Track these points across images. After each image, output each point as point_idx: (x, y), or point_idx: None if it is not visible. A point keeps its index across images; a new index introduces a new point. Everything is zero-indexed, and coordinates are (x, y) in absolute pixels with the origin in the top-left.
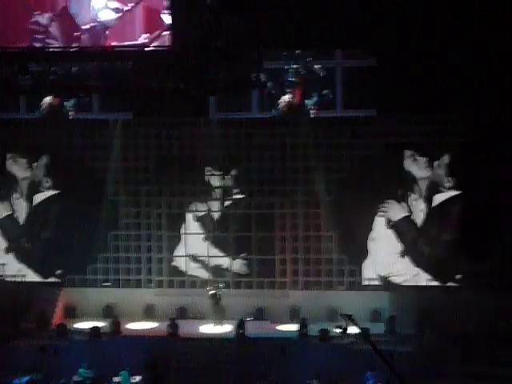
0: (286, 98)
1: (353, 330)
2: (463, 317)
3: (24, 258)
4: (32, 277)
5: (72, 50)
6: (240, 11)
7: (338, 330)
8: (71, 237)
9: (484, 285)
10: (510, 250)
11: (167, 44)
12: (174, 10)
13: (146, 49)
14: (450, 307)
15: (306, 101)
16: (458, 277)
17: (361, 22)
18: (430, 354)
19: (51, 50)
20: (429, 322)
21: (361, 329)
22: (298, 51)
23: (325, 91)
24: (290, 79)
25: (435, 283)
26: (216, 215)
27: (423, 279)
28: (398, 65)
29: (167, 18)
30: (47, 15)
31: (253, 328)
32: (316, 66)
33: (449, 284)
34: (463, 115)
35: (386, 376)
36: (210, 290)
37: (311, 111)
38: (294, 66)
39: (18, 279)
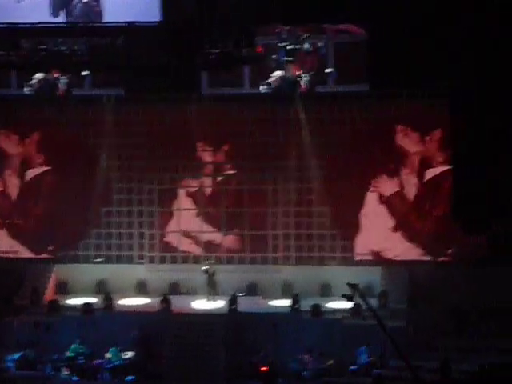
0: (278, 73)
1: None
2: (455, 291)
3: (16, 234)
4: (24, 253)
5: (63, 25)
6: None
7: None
8: (63, 213)
9: (476, 259)
10: (501, 224)
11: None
12: None
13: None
14: (441, 281)
15: (303, 76)
16: (449, 251)
17: None
18: (422, 329)
19: (42, 25)
20: (421, 297)
21: (365, 298)
22: (289, 27)
23: (329, 69)
24: (283, 56)
25: (427, 258)
26: (208, 191)
27: (415, 254)
28: (390, 39)
29: None
30: None
31: (245, 303)
32: (320, 43)
33: (441, 258)
34: (454, 89)
35: (379, 351)
36: (204, 265)
37: (302, 87)
38: (285, 44)
39: (11, 255)
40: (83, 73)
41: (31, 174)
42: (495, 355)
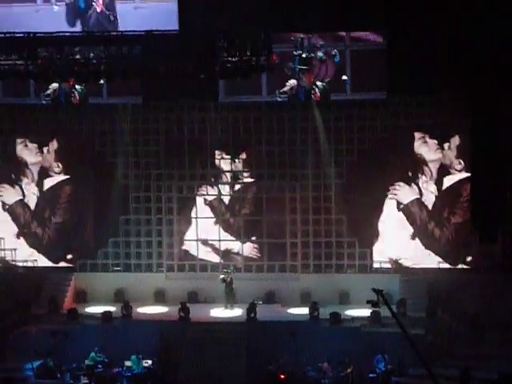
0: (293, 81)
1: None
2: (474, 299)
3: (35, 242)
4: (43, 262)
5: (81, 34)
6: None
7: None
8: (82, 222)
9: (495, 266)
10: None
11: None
12: None
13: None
14: (460, 289)
15: (319, 84)
16: (468, 259)
17: (371, 4)
18: (442, 337)
19: (60, 34)
20: (440, 305)
21: (388, 305)
22: (305, 35)
23: (344, 77)
24: (297, 65)
25: (446, 265)
26: (226, 199)
27: (434, 261)
28: (408, 46)
29: None
30: None
31: (264, 311)
32: (334, 51)
33: (460, 266)
34: (473, 97)
35: (398, 358)
36: (222, 273)
37: (316, 95)
38: (300, 52)
39: (29, 264)
40: (100, 81)
41: (49, 182)
42: None
